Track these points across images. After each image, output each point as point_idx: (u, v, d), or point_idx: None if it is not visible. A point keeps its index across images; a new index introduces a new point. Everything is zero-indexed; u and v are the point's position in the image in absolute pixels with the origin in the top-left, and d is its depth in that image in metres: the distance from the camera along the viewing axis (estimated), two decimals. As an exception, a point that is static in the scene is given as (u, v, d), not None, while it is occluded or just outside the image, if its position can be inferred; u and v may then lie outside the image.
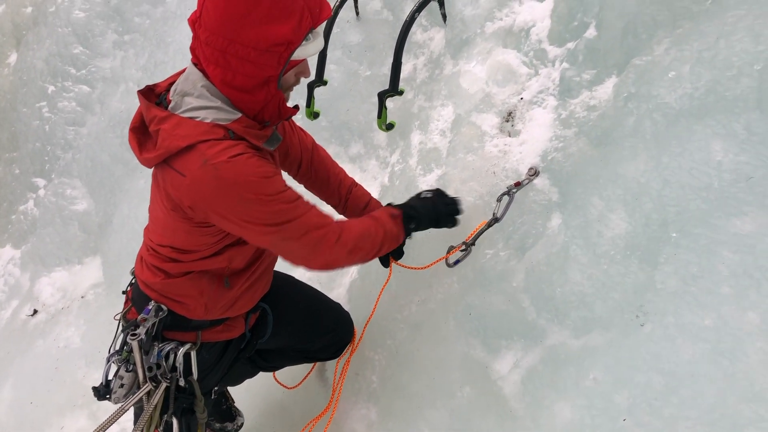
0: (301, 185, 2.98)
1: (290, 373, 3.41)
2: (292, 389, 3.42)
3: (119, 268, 5.10)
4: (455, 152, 3.18)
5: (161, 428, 2.51)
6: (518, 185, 2.77)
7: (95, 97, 6.34)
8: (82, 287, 5.76)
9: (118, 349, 2.52)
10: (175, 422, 2.56)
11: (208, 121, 2.05)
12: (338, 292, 3.75)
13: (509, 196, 2.78)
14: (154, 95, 2.23)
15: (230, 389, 3.40)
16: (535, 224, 2.66)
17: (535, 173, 2.75)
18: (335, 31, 4.00)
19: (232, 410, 3.38)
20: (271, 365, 3.22)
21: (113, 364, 2.50)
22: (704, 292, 1.96)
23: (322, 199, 3.00)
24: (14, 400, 5.02)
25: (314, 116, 4.02)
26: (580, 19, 2.80)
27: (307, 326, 2.99)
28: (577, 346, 2.30)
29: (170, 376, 2.45)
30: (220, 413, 3.33)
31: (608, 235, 2.31)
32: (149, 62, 5.85)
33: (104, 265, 5.67)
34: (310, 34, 2.02)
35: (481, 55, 3.29)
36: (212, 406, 3.03)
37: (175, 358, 2.46)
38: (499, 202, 2.81)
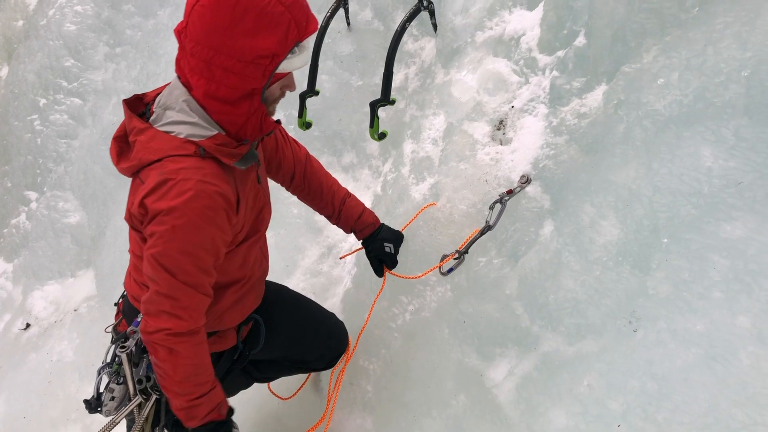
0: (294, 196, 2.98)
1: (285, 383, 3.40)
2: (286, 400, 3.41)
3: (112, 280, 5.07)
4: (447, 161, 3.19)
5: None
6: (510, 193, 2.78)
7: (87, 109, 6.34)
8: (75, 300, 5.73)
9: (108, 361, 2.50)
10: None
11: (182, 136, 2.05)
12: (332, 302, 3.74)
13: (501, 203, 2.79)
14: (142, 104, 2.24)
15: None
16: (527, 232, 2.67)
17: (527, 181, 2.76)
18: (326, 41, 4.02)
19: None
20: (265, 376, 3.20)
21: (104, 376, 2.48)
22: (696, 297, 1.97)
23: (315, 210, 3.00)
24: (7, 414, 4.98)
25: (306, 126, 4.03)
26: (569, 27, 2.82)
27: (301, 337, 2.98)
28: (570, 352, 2.30)
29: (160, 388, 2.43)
30: (214, 425, 3.31)
31: (600, 241, 2.32)
32: (141, 74, 5.85)
33: (97, 277, 5.65)
34: (296, 47, 2.01)
35: (471, 64, 3.31)
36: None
37: None
38: (491, 210, 2.82)
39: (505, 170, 2.90)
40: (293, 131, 4.34)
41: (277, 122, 2.25)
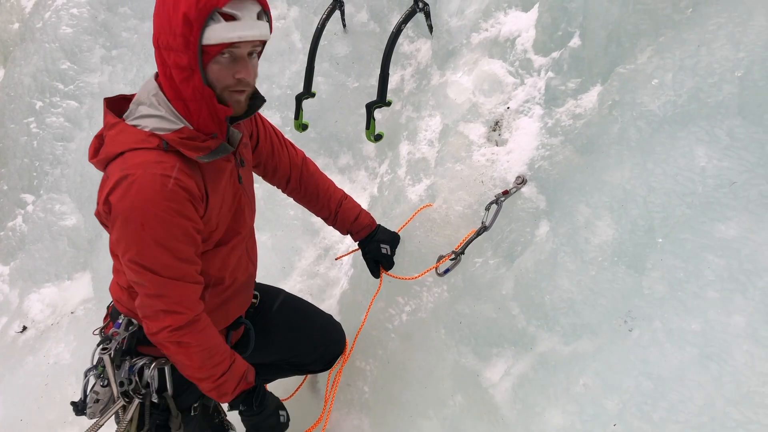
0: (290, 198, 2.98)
1: (282, 384, 3.40)
2: (284, 401, 3.40)
3: (109, 283, 5.06)
4: (443, 162, 3.20)
5: None
6: (506, 194, 2.79)
7: (83, 112, 6.33)
8: (71, 303, 5.73)
9: (95, 364, 2.50)
10: None
11: (147, 129, 2.07)
12: (329, 303, 3.75)
13: (497, 204, 2.79)
14: (128, 104, 2.24)
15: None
16: (523, 232, 2.68)
17: (522, 181, 2.77)
18: (323, 43, 4.03)
19: (224, 424, 3.36)
20: (262, 378, 3.20)
21: (91, 378, 2.48)
22: (691, 296, 1.98)
23: (312, 212, 3.00)
24: (4, 417, 4.97)
25: (303, 128, 4.04)
26: (564, 28, 2.83)
27: (298, 340, 2.98)
28: (566, 352, 2.31)
29: (144, 392, 2.40)
30: (212, 427, 3.31)
31: (595, 241, 2.33)
32: (137, 77, 5.85)
33: (94, 280, 5.64)
34: (216, 14, 1.93)
35: (467, 65, 3.32)
36: (204, 419, 3.01)
37: (148, 373, 2.42)
38: (487, 210, 2.82)
39: (500, 171, 2.91)
40: (290, 133, 4.35)
41: (228, 107, 2.11)
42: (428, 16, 3.67)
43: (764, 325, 1.81)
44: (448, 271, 2.89)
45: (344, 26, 4.30)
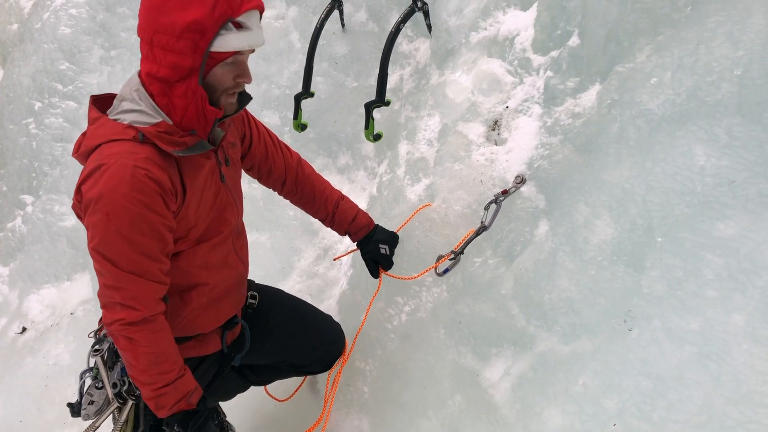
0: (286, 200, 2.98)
1: (282, 385, 3.40)
2: (283, 402, 3.40)
3: (108, 283, 5.05)
4: (442, 161, 3.19)
5: None
6: (505, 193, 2.78)
7: (82, 113, 6.31)
8: (71, 304, 5.72)
9: (91, 365, 2.49)
10: None
11: (125, 122, 2.08)
12: (328, 303, 3.74)
13: (497, 204, 2.79)
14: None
15: (221, 403, 3.39)
16: (522, 232, 2.67)
17: (521, 181, 2.77)
18: (321, 43, 4.03)
19: (223, 425, 3.35)
20: (261, 379, 3.20)
21: (87, 380, 2.48)
22: (690, 295, 1.98)
23: (309, 213, 3.00)
24: (3, 418, 4.96)
25: (302, 128, 4.04)
26: (563, 27, 2.83)
27: (298, 341, 2.97)
28: (566, 352, 2.31)
29: (137, 393, 2.38)
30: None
31: (594, 241, 2.32)
32: (136, 77, 5.84)
33: (93, 281, 5.63)
34: (230, 23, 1.99)
35: (466, 64, 3.31)
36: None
37: None
38: (486, 210, 2.82)
39: (499, 170, 2.91)
40: (288, 133, 4.35)
41: (219, 109, 2.18)
42: (427, 15, 3.66)
43: (763, 324, 1.81)
44: (447, 270, 2.88)
45: (343, 26, 4.30)
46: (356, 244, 3.02)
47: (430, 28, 3.71)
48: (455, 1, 3.42)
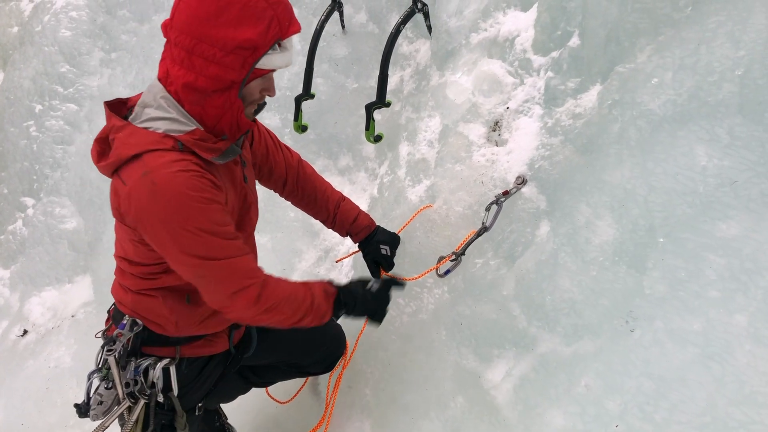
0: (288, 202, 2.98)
1: (283, 387, 3.39)
2: (285, 404, 3.40)
3: (110, 286, 5.03)
4: (443, 162, 3.19)
5: None
6: (506, 194, 2.78)
7: (83, 115, 6.33)
8: (72, 306, 5.72)
9: (99, 366, 2.50)
10: None
11: (160, 131, 2.07)
12: (330, 304, 3.74)
13: (498, 205, 2.79)
14: (125, 108, 2.25)
15: (223, 405, 3.39)
16: (523, 232, 2.67)
17: (522, 182, 2.76)
18: (321, 44, 4.02)
19: (225, 427, 3.35)
20: (263, 381, 3.19)
21: (95, 381, 2.48)
22: (692, 296, 1.97)
23: (310, 214, 3.00)
24: (5, 421, 4.96)
25: (302, 130, 4.03)
26: (563, 28, 2.83)
27: (299, 342, 2.97)
28: (568, 353, 2.30)
29: (149, 392, 2.41)
30: (213, 430, 3.31)
31: (596, 241, 2.32)
32: (137, 79, 5.85)
33: (94, 283, 5.64)
34: (277, 44, 2.05)
35: (466, 65, 3.31)
36: (205, 422, 3.00)
37: (153, 373, 2.43)
38: (487, 211, 2.82)
39: (500, 171, 2.91)
40: (289, 135, 4.34)
41: (253, 121, 2.28)
42: (427, 16, 3.66)
43: (766, 324, 1.81)
44: (448, 272, 2.88)
45: (343, 27, 4.30)
46: (357, 245, 3.02)
47: (430, 29, 3.71)
48: (455, 2, 3.42)
